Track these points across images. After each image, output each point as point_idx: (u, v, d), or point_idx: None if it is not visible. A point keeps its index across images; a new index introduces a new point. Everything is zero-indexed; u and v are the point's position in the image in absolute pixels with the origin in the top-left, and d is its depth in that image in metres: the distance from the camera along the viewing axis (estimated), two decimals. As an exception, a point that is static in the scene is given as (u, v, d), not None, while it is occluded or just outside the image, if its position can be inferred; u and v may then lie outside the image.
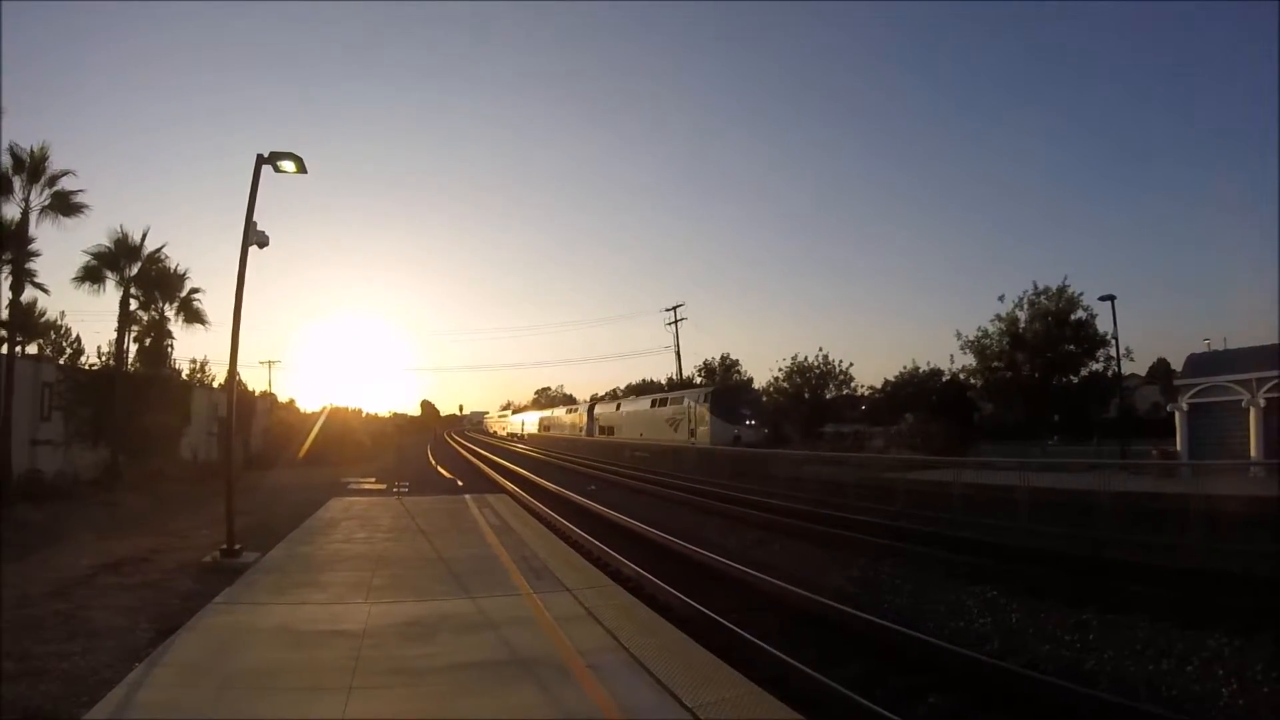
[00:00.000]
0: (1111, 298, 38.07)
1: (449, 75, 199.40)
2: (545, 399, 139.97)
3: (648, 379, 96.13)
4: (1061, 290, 46.33)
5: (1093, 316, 44.82)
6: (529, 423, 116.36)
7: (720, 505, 24.67)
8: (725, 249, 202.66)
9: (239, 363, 15.02)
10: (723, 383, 67.06)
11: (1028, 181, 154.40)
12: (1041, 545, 16.68)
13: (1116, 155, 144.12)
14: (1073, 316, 45.50)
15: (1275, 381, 26.05)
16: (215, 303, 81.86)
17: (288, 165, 13.81)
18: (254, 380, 75.95)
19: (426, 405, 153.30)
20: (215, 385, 41.17)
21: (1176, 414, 29.12)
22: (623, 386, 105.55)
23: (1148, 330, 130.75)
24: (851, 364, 48.98)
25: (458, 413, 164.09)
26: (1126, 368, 47.13)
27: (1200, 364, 31.04)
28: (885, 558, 15.65)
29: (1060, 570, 13.88)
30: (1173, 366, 45.64)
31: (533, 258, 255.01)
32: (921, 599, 12.45)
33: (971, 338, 49.10)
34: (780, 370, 63.37)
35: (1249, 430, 26.26)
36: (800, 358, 63.38)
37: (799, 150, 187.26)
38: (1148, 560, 14.78)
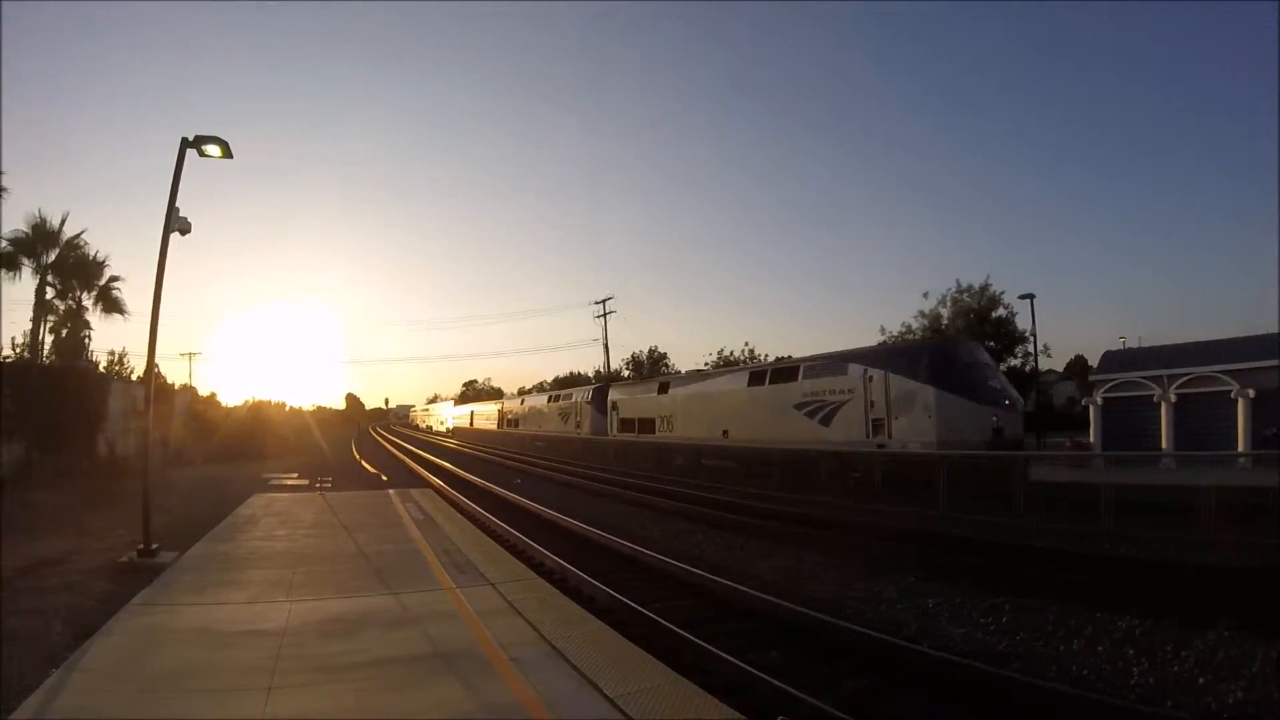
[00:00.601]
0: (1031, 296, 39.38)
1: (377, 64, 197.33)
2: (472, 392, 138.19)
3: (575, 372, 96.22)
4: (984, 289, 47.47)
5: (1013, 314, 46.06)
6: (457, 416, 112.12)
7: (640, 496, 25.11)
8: (655, 243, 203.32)
9: (158, 355, 14.70)
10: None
11: (952, 181, 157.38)
12: (963, 534, 17.16)
13: (1038, 156, 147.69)
14: (994, 314, 46.61)
15: (1187, 378, 27.08)
16: (135, 292, 79.74)
17: (213, 150, 13.48)
18: (174, 373, 74.47)
19: (351, 399, 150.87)
20: (134, 378, 40.07)
21: (1091, 408, 29.96)
22: (550, 379, 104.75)
23: (1065, 328, 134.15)
24: (778, 358, 49.20)
25: (384, 406, 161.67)
26: (1044, 364, 48.71)
27: (1115, 361, 32.03)
28: (794, 543, 16.30)
29: (981, 556, 14.36)
30: (1090, 363, 46.85)
31: (461, 250, 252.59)
32: (847, 587, 12.79)
33: (896, 333, 49.75)
34: (707, 363, 63.63)
35: (1160, 424, 27.19)
36: (726, 351, 63.96)
37: (726, 145, 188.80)
38: (1062, 546, 15.32)
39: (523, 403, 76.18)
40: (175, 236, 13.59)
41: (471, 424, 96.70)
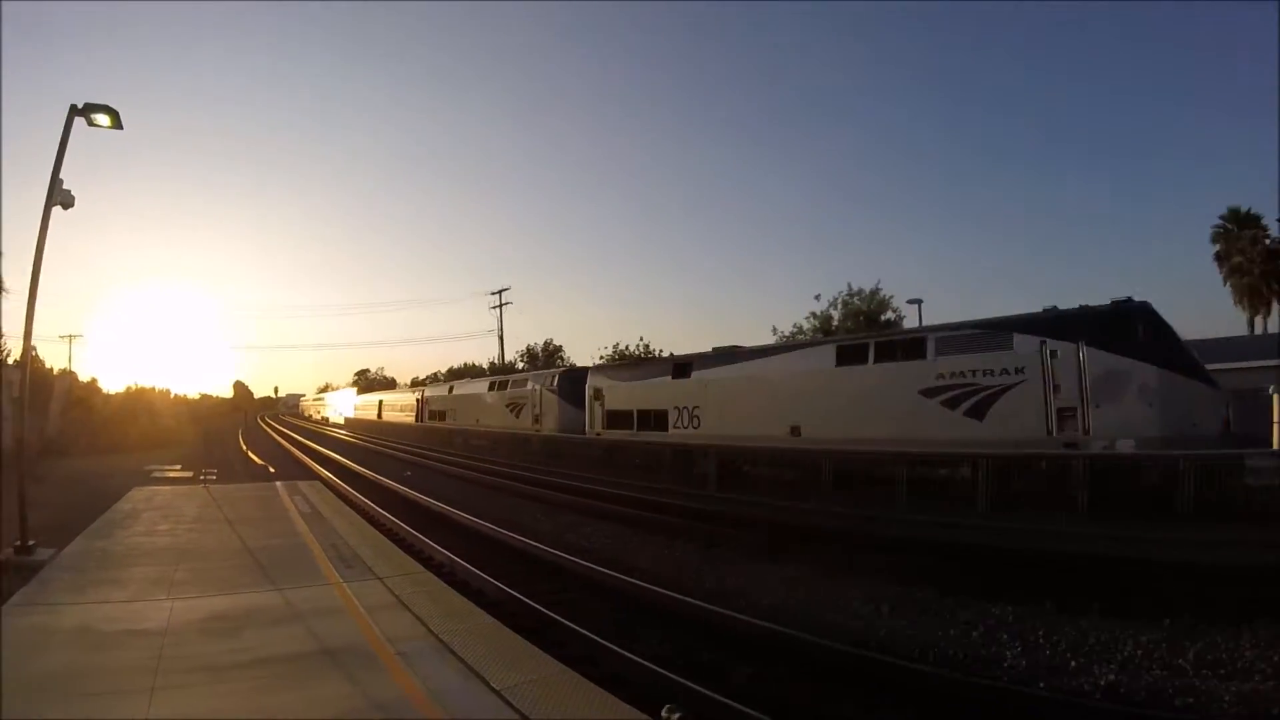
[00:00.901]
0: (919, 301, 40.11)
1: (274, 47, 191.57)
2: (364, 382, 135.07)
3: (469, 363, 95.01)
4: (874, 292, 48.50)
5: (901, 318, 46.83)
6: (361, 407, 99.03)
7: (538, 490, 25.19)
8: (552, 234, 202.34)
9: (36, 336, 14.12)
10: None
11: (848, 187, 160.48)
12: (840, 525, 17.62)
13: (924, 160, 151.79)
14: (883, 317, 47.49)
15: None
16: (10, 270, 75.81)
17: (102, 119, 12.92)
18: (53, 357, 71.18)
19: (239, 387, 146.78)
20: (10, 362, 38.26)
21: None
22: (444, 370, 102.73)
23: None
24: (672, 354, 49.43)
25: (273, 395, 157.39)
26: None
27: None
28: (680, 535, 16.85)
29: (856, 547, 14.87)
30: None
31: (353, 235, 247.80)
32: (727, 577, 13.18)
33: (787, 333, 50.41)
34: (603, 357, 63.71)
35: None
36: (622, 345, 64.07)
37: (623, 138, 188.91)
38: (936, 536, 15.99)
39: (451, 391, 62.93)
40: (58, 211, 13.03)
41: (380, 415, 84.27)
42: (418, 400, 70.97)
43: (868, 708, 7.68)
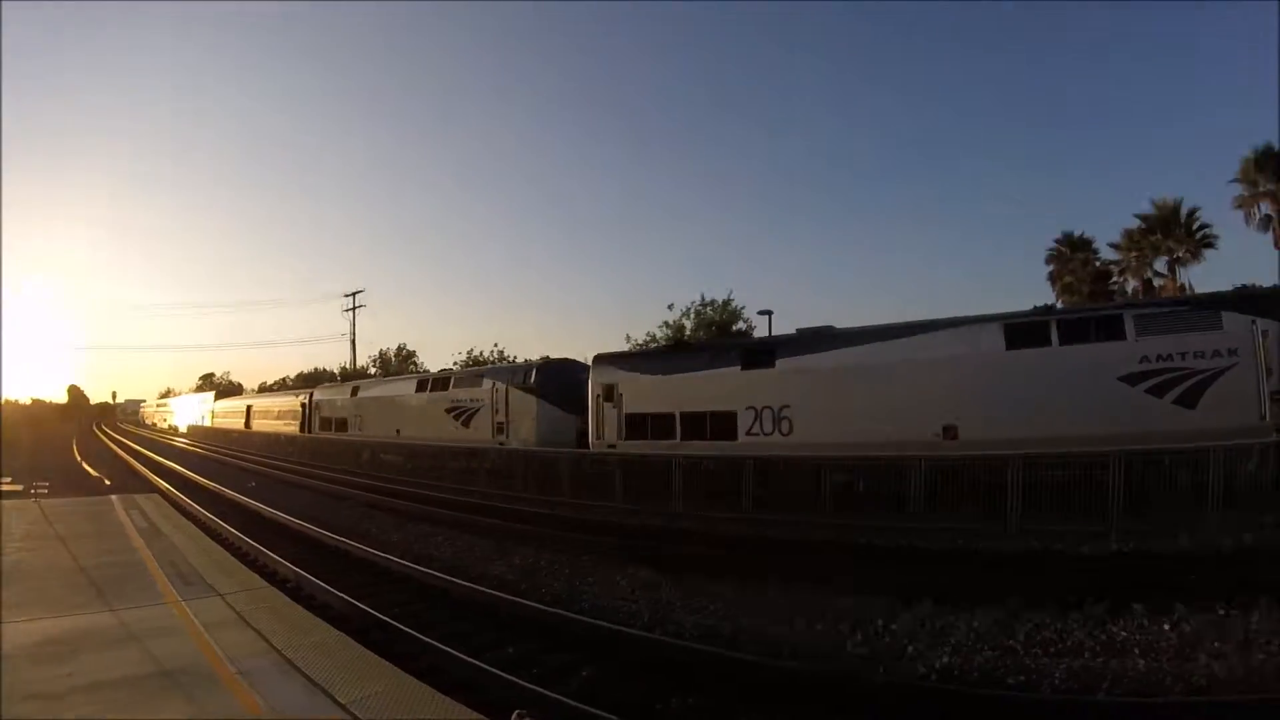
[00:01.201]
0: (769, 312, 40.92)
1: (126, 36, 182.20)
2: (209, 386, 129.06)
3: (319, 368, 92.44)
4: (726, 303, 49.40)
5: (752, 328, 47.62)
6: (222, 413, 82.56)
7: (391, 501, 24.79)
8: (407, 239, 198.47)
9: None
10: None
11: (702, 198, 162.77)
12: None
13: (772, 172, 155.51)
14: (734, 327, 48.31)
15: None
16: None
17: None
18: None
19: (74, 391, 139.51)
20: None
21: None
22: (294, 376, 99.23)
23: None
24: (526, 360, 48.80)
25: (111, 400, 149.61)
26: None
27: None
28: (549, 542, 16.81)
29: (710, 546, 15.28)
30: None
31: (196, 232, 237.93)
32: (579, 581, 13.38)
33: (640, 341, 50.00)
34: (456, 363, 63.00)
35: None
36: (476, 352, 63.57)
37: (475, 142, 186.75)
38: (782, 535, 16.64)
39: (355, 394, 48.64)
40: None
41: (248, 424, 68.46)
42: (303, 405, 55.92)
43: (721, 700, 8.04)
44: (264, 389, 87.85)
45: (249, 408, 71.33)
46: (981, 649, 9.38)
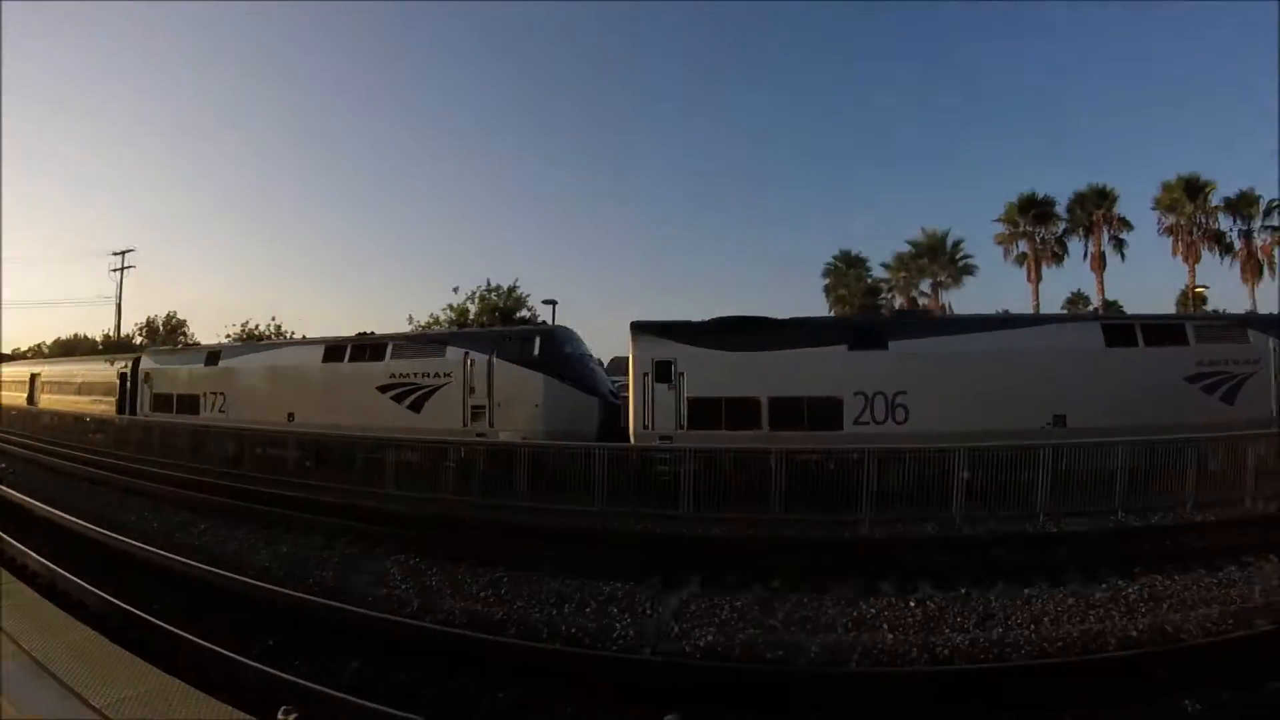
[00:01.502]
0: (554, 301, 40.95)
1: None
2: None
3: (79, 334, 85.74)
4: (512, 289, 50.39)
5: (536, 316, 48.52)
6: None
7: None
8: (176, 205, 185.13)
9: None
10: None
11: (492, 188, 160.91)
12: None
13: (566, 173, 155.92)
14: (518, 314, 49.09)
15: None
16: None
17: None
18: None
19: None
20: None
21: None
22: (49, 341, 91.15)
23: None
24: (304, 336, 46.61)
25: None
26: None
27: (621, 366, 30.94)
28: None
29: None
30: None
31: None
32: (351, 570, 13.32)
33: (424, 323, 50.60)
34: (229, 335, 60.14)
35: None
36: (252, 324, 61.13)
37: (254, 114, 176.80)
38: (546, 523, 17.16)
39: (213, 362, 35.14)
40: None
41: (32, 399, 50.50)
42: (123, 376, 39.64)
43: (486, 690, 8.34)
44: (17, 356, 75.42)
45: (34, 377, 51.96)
46: (744, 628, 10.14)
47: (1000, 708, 7.70)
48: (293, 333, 57.29)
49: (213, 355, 35.76)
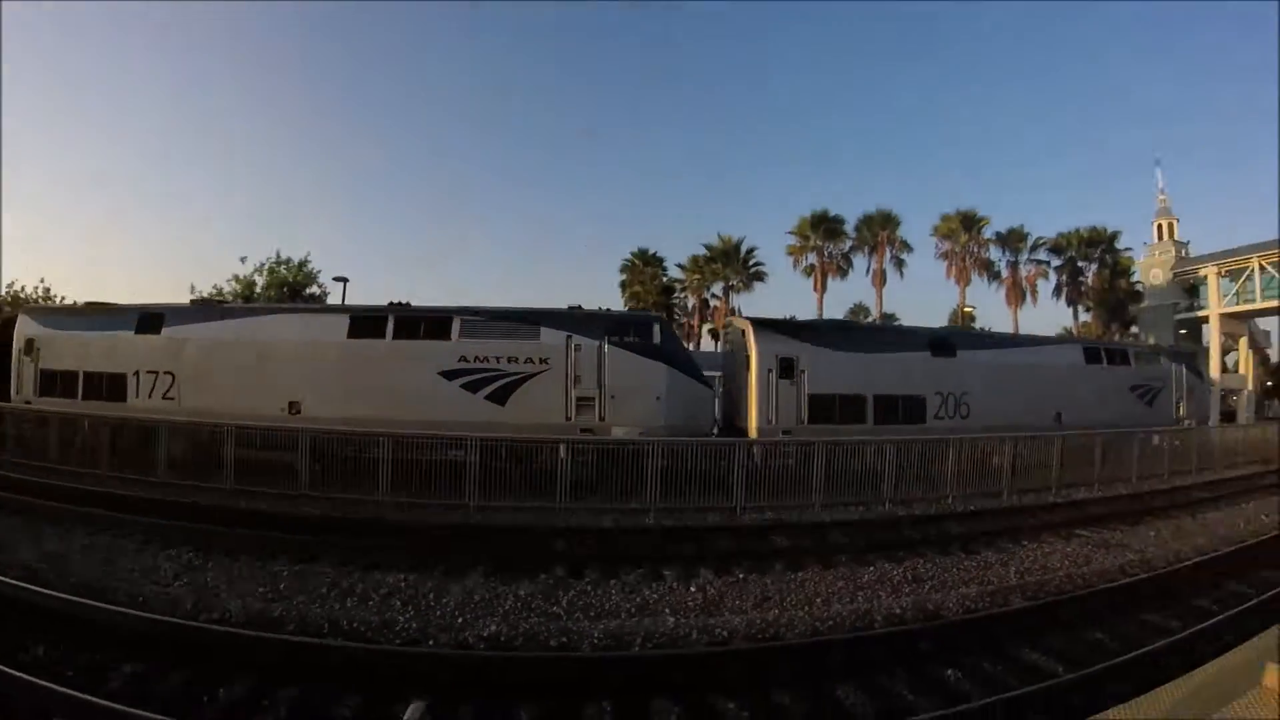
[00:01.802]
0: (345, 279, 37.94)
1: None
2: None
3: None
4: (302, 264, 49.18)
5: (325, 294, 47.95)
6: None
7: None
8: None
9: None
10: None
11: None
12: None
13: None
14: (308, 290, 48.17)
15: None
16: None
17: None
18: None
19: None
20: None
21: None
22: None
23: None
24: (64, 297, 42.34)
25: None
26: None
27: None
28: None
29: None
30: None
31: None
32: (116, 565, 12.36)
33: (207, 293, 46.73)
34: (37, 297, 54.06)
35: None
36: (18, 286, 55.82)
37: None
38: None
39: (154, 329, 24.90)
40: None
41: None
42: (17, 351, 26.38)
43: (261, 690, 7.86)
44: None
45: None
46: (528, 616, 10.28)
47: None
48: (62, 298, 47.57)
49: (149, 320, 25.29)
